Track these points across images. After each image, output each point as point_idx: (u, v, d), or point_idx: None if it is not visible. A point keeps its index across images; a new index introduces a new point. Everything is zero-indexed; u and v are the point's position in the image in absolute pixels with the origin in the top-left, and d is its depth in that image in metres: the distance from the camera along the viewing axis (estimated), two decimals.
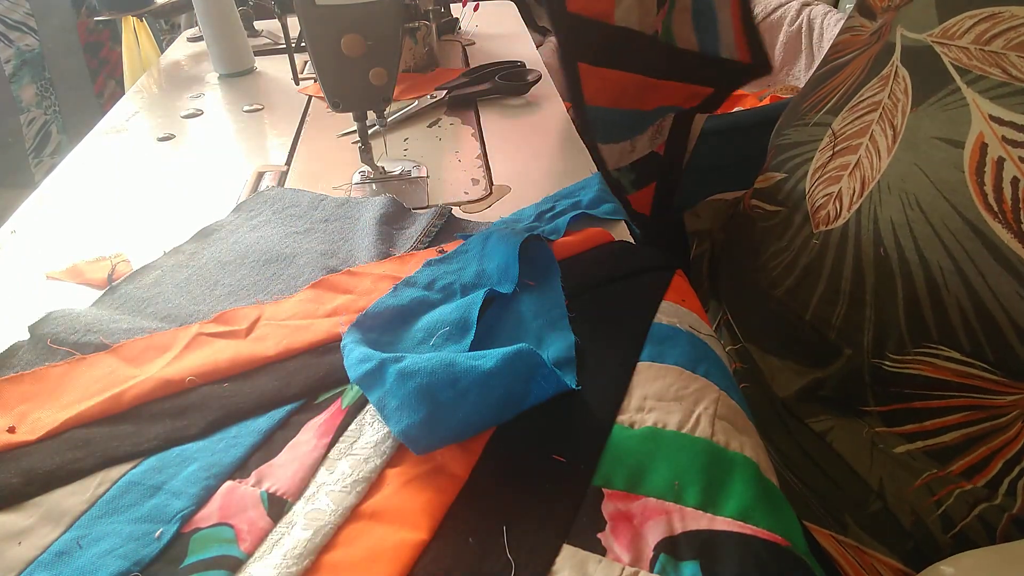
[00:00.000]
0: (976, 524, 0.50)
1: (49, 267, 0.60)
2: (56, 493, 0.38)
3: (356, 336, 0.45)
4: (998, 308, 0.46)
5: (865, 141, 0.53)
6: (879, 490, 0.52)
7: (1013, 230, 0.43)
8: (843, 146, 0.55)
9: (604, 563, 0.33)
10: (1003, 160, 0.44)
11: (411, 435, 0.38)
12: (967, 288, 0.46)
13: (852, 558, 0.52)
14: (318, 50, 0.62)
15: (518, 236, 0.53)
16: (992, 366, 0.47)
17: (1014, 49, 0.43)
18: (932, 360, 0.50)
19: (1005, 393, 0.48)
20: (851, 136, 0.55)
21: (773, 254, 0.62)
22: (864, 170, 0.53)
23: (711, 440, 0.38)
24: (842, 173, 0.55)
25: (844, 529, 0.53)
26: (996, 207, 0.44)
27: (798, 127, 0.63)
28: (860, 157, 0.53)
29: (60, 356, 0.47)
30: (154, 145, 0.84)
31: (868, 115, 0.54)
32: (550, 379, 0.40)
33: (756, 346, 0.63)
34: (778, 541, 0.33)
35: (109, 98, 2.13)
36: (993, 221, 0.44)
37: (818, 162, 0.58)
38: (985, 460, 0.49)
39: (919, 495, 0.51)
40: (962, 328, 0.48)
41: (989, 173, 0.44)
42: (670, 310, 0.48)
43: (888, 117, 0.51)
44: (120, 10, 1.31)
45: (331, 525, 0.35)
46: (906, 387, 0.51)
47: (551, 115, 0.85)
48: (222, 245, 0.60)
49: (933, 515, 0.51)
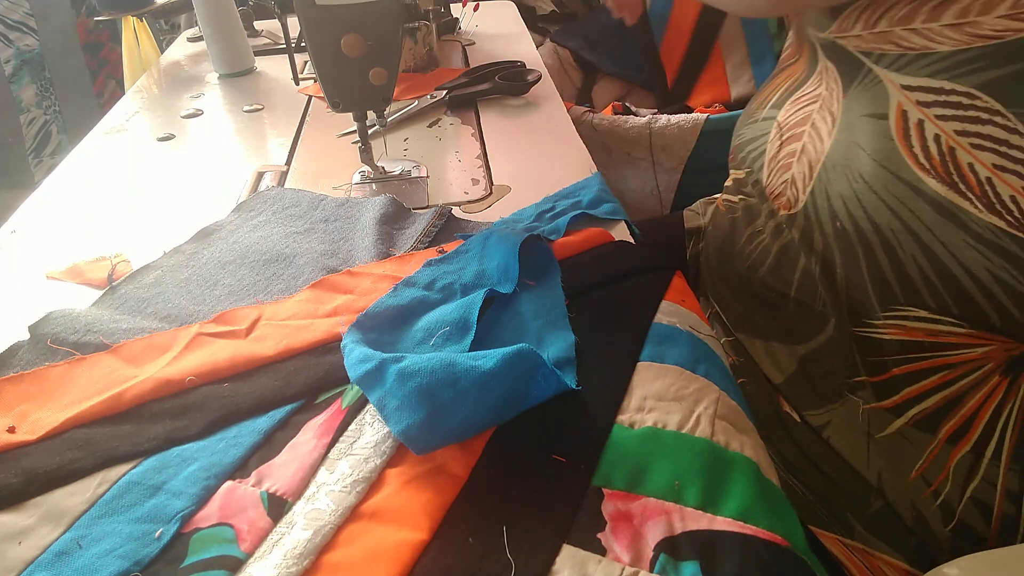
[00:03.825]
0: (972, 508, 0.51)
1: (49, 267, 0.60)
2: (56, 493, 0.38)
3: (356, 336, 0.45)
4: (951, 259, 0.48)
5: (808, 128, 0.57)
6: (879, 486, 0.53)
7: (946, 181, 0.47)
8: (789, 134, 0.59)
9: (604, 563, 0.33)
10: (922, 121, 0.47)
11: (411, 435, 0.38)
12: (919, 245, 0.49)
13: (859, 561, 0.53)
14: (318, 50, 0.62)
15: (518, 236, 0.53)
16: (958, 319, 0.50)
17: (897, 24, 0.48)
18: (902, 323, 0.52)
19: (975, 346, 0.50)
20: (795, 125, 0.59)
21: (749, 238, 0.64)
22: (810, 154, 0.56)
23: (711, 440, 0.38)
24: (791, 160, 0.58)
25: (850, 532, 0.54)
26: (927, 164, 0.47)
27: (750, 125, 0.66)
28: (805, 143, 0.57)
29: (60, 356, 0.47)
30: (154, 145, 0.84)
31: (809, 106, 0.58)
32: (550, 379, 0.40)
33: (744, 333, 0.64)
34: (778, 541, 0.33)
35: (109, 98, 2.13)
36: (927, 177, 0.47)
37: (769, 153, 0.62)
38: (967, 422, 0.51)
39: (917, 487, 0.52)
40: (924, 286, 0.50)
41: (915, 135, 0.48)
42: (670, 310, 0.48)
43: (827, 106, 0.55)
44: (120, 10, 1.31)
45: (331, 525, 0.35)
46: (885, 353, 0.53)
47: (551, 115, 0.85)
48: (222, 245, 0.60)
49: (932, 507, 0.51)
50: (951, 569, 0.45)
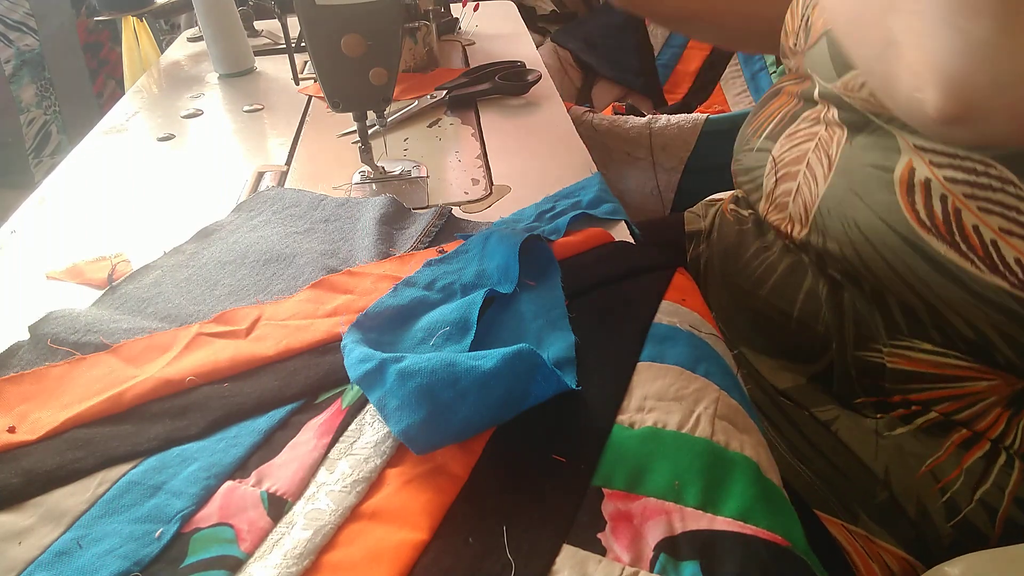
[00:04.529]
0: (979, 509, 0.50)
1: (49, 267, 0.60)
2: (56, 493, 0.38)
3: (356, 336, 0.45)
4: (951, 313, 0.48)
5: (803, 168, 0.56)
6: (885, 479, 0.53)
7: (947, 241, 0.46)
8: (784, 172, 0.58)
9: (604, 563, 0.33)
10: (930, 180, 0.46)
11: (411, 435, 0.38)
12: (918, 297, 0.49)
13: (861, 548, 0.53)
14: (318, 50, 0.62)
15: (518, 236, 0.53)
16: (964, 354, 0.49)
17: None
18: (907, 353, 0.52)
19: (980, 379, 0.50)
20: (789, 163, 0.57)
21: (755, 253, 0.63)
22: (804, 196, 0.55)
23: (711, 440, 0.38)
24: (787, 199, 0.57)
25: (855, 519, 0.54)
26: (929, 222, 0.46)
27: (746, 152, 0.65)
28: (800, 183, 0.56)
29: (60, 356, 0.47)
30: (154, 145, 0.84)
31: (805, 143, 0.56)
32: (550, 379, 0.40)
33: (748, 347, 0.64)
34: (778, 541, 0.33)
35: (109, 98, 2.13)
36: (927, 235, 0.46)
37: (766, 187, 0.60)
38: (978, 436, 0.51)
39: (925, 482, 0.52)
40: (929, 324, 0.50)
41: (919, 193, 0.47)
42: (670, 310, 0.48)
43: (824, 147, 0.54)
44: (120, 10, 1.31)
45: (331, 525, 0.35)
46: (887, 380, 0.53)
47: (551, 115, 0.85)
48: (222, 245, 0.60)
49: (937, 503, 0.51)
50: (953, 568, 0.45)
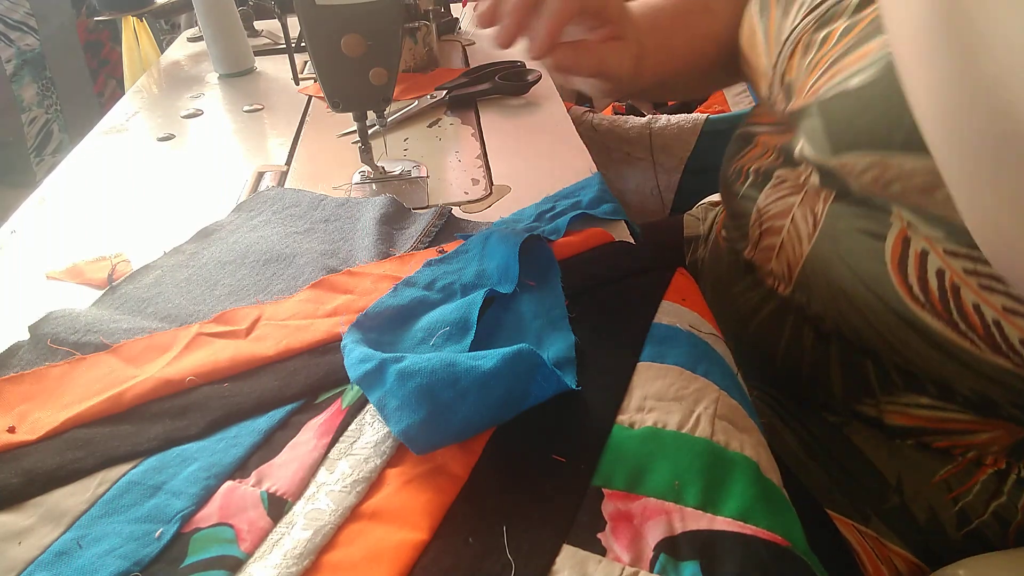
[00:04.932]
0: (992, 520, 0.50)
1: (49, 267, 0.60)
2: (56, 493, 0.38)
3: (356, 336, 0.45)
4: (951, 381, 0.45)
5: (787, 223, 0.52)
6: (897, 485, 0.52)
7: (943, 319, 0.42)
8: (768, 225, 0.55)
9: (604, 563, 0.33)
10: (926, 253, 0.42)
11: (411, 435, 0.38)
12: (912, 365, 0.46)
13: (871, 548, 0.51)
14: (318, 50, 0.62)
15: (518, 236, 0.52)
16: (962, 407, 0.47)
17: (911, 191, 0.42)
18: (904, 409, 0.50)
19: (980, 431, 0.48)
20: (774, 216, 0.54)
21: (742, 290, 0.61)
22: (788, 254, 0.52)
23: (711, 440, 0.38)
24: (771, 254, 0.54)
25: (866, 520, 0.53)
26: (923, 298, 0.43)
27: (730, 196, 0.62)
28: (783, 240, 0.52)
29: (60, 356, 0.47)
30: (154, 145, 0.84)
31: (790, 197, 0.53)
32: (550, 379, 0.40)
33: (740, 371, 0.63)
34: (778, 541, 0.33)
35: (109, 98, 2.13)
36: (922, 311, 0.43)
37: (752, 237, 0.58)
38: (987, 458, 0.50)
39: (938, 491, 0.51)
40: (926, 380, 0.47)
41: (912, 266, 0.43)
42: (670, 310, 0.48)
43: (810, 204, 0.50)
44: (120, 10, 1.31)
45: (331, 525, 0.35)
46: (885, 430, 0.51)
47: (551, 115, 0.85)
48: (222, 245, 0.60)
49: (950, 511, 0.50)
50: (959, 570, 0.45)
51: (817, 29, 0.49)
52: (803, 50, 0.50)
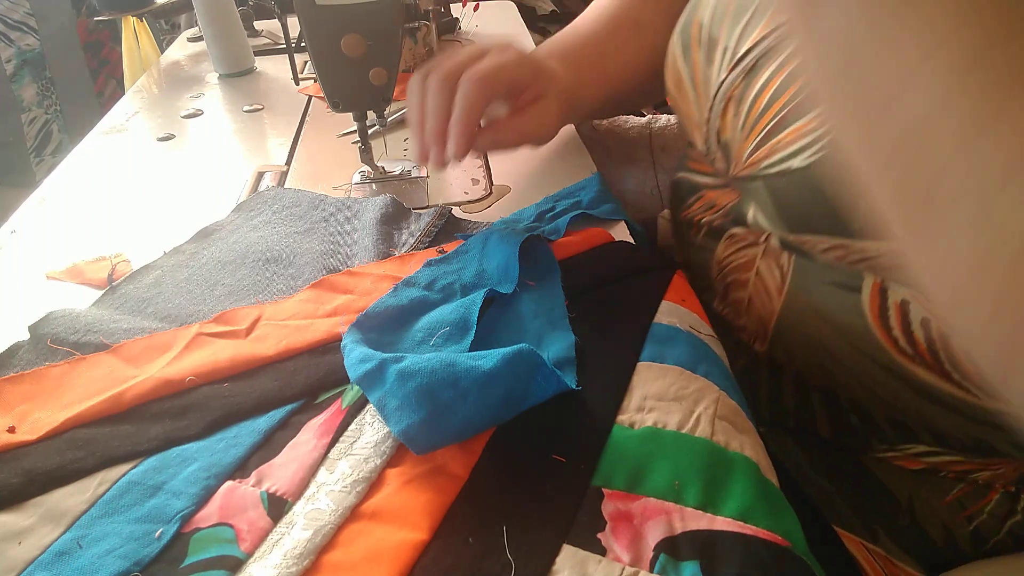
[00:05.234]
0: (1007, 539, 0.48)
1: (49, 267, 0.60)
2: (56, 493, 0.38)
3: (356, 336, 0.45)
4: (946, 430, 0.44)
5: (752, 277, 0.49)
6: (908, 505, 0.50)
7: (935, 370, 0.39)
8: (732, 279, 0.51)
9: (604, 563, 0.33)
10: (907, 303, 0.39)
11: (411, 435, 0.38)
12: (905, 416, 0.45)
13: (880, 567, 0.49)
14: (318, 50, 0.62)
15: (518, 236, 0.53)
16: (959, 452, 0.46)
17: (880, 268, 0.40)
18: (899, 461, 0.48)
19: (983, 469, 0.47)
20: (737, 269, 0.51)
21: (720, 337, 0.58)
22: (759, 310, 0.48)
23: (711, 440, 0.38)
24: (741, 308, 0.51)
25: (875, 538, 0.51)
26: (911, 351, 0.40)
27: (688, 247, 0.58)
28: (751, 295, 0.49)
29: (60, 356, 0.47)
30: (154, 145, 0.84)
31: (750, 248, 0.49)
32: (550, 379, 0.40)
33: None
34: (778, 541, 0.33)
35: (109, 98, 2.13)
36: (911, 364, 0.40)
37: (717, 290, 0.54)
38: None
39: (951, 510, 0.49)
40: (921, 429, 0.45)
41: (894, 317, 0.40)
42: (670, 310, 0.48)
43: (774, 256, 0.47)
44: (120, 10, 1.31)
45: (331, 525, 0.35)
46: (886, 480, 0.50)
47: None
48: (222, 245, 0.60)
49: (965, 530, 0.49)
50: (965, 574, 0.45)
51: (746, 82, 0.46)
52: (735, 106, 0.47)
